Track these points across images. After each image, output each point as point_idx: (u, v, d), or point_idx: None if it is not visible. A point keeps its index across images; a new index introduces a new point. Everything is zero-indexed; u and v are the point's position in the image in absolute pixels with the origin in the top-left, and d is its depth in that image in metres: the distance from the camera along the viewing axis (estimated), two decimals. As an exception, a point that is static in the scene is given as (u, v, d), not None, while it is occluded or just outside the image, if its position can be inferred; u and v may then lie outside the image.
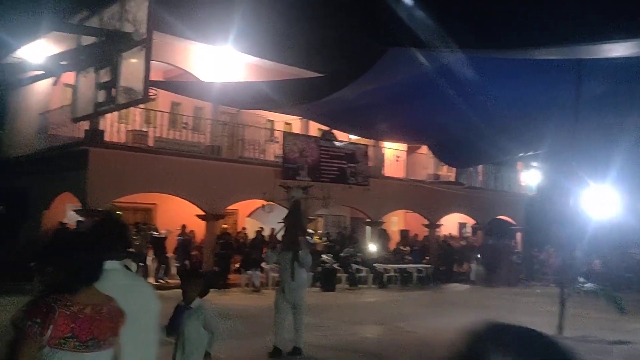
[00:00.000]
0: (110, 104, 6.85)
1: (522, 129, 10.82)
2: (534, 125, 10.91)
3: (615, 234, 16.18)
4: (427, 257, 22.23)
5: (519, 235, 25.89)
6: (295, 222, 8.56)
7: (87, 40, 7.51)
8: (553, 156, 13.95)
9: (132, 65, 6.72)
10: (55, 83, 16.25)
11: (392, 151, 22.65)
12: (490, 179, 25.92)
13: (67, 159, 15.79)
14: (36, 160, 17.16)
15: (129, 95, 6.71)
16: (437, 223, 23.29)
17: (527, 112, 10.08)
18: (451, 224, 25.40)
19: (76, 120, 7.86)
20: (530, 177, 27.29)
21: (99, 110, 7.13)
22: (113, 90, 6.81)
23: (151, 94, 7.12)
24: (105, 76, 6.93)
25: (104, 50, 6.87)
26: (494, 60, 8.71)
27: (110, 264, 2.60)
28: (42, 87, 17.38)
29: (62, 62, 7.47)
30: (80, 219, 15.35)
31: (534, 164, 24.56)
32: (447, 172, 24.03)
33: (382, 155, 22.56)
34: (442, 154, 15.33)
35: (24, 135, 18.36)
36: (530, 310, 13.89)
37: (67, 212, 16.62)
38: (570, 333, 10.37)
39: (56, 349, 2.27)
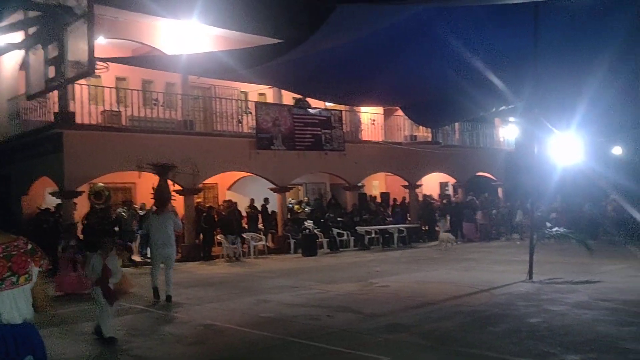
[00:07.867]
0: (60, 79, 6.96)
1: (492, 82, 10.87)
2: (503, 77, 10.98)
3: (581, 179, 16.43)
4: (409, 218, 22.59)
5: (500, 191, 26.26)
6: (163, 193, 11.10)
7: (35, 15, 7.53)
8: (525, 108, 14.04)
9: (78, 40, 6.82)
10: (21, 67, 16.29)
11: (368, 115, 22.72)
12: (467, 136, 26.15)
13: (42, 143, 15.81)
14: (12, 148, 17.14)
15: (77, 69, 6.83)
16: (417, 183, 23.53)
17: (494, 62, 10.15)
18: (432, 183, 25.68)
19: (30, 97, 7.94)
20: (507, 132, 27.58)
21: (50, 86, 7.23)
22: (62, 65, 6.91)
23: (99, 66, 7.22)
24: (53, 52, 7.03)
25: (50, 26, 6.95)
26: (453, 12, 8.79)
27: None
28: (9, 72, 17.30)
29: (10, 42, 7.54)
30: (58, 201, 15.46)
31: (511, 118, 24.76)
32: (425, 133, 24.15)
33: (358, 119, 22.63)
34: (415, 114, 15.47)
35: (-4, 123, 18.28)
36: (505, 260, 14.27)
37: (45, 196, 16.70)
38: (540, 277, 10.75)
39: None
